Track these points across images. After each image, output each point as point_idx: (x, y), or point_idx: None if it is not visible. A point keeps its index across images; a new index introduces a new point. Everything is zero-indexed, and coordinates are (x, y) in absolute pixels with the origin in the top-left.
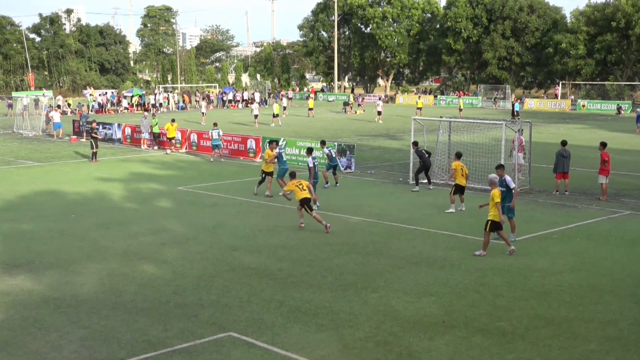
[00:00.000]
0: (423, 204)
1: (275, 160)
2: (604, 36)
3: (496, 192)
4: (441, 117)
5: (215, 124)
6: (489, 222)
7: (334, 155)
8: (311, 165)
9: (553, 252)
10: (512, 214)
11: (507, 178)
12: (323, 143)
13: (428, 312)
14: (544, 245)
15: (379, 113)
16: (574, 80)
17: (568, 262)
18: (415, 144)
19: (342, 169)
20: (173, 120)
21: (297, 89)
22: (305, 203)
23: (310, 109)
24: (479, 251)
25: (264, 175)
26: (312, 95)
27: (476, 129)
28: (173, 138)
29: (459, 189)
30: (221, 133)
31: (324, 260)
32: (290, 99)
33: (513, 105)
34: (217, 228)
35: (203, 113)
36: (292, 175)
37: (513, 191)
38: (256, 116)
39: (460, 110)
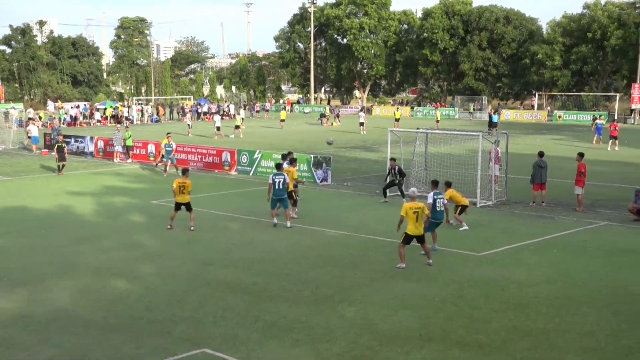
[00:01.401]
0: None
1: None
2: (580, 47)
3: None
4: (418, 128)
5: (168, 135)
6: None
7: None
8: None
9: (530, 263)
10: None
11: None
12: (287, 158)
13: (405, 325)
14: (521, 257)
15: (361, 124)
16: (550, 91)
17: (545, 273)
18: (393, 160)
19: (318, 181)
20: (169, 135)
21: (273, 100)
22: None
23: (282, 120)
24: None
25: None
26: (287, 106)
27: (453, 140)
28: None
29: (464, 209)
30: (174, 145)
31: (300, 274)
32: (267, 111)
33: (490, 117)
34: (191, 242)
35: (189, 125)
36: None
37: (445, 206)
38: (218, 128)
39: (438, 121)
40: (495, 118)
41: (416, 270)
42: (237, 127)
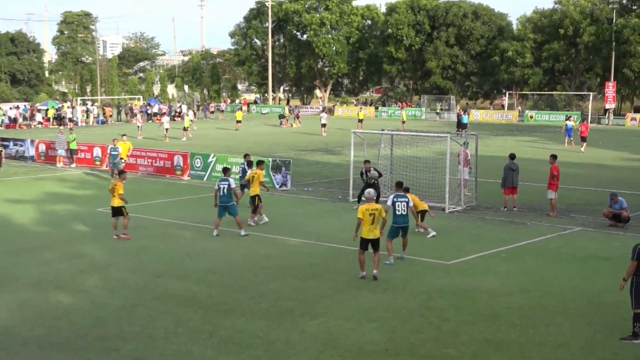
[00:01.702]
0: None
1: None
2: (552, 44)
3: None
4: (383, 129)
5: (115, 140)
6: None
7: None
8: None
9: (501, 271)
10: (406, 234)
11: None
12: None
13: (371, 339)
14: (492, 265)
15: (324, 125)
16: (521, 90)
17: (517, 282)
18: (367, 162)
19: (277, 186)
20: (124, 137)
21: (229, 100)
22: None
23: (238, 122)
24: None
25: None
26: (244, 107)
27: (420, 142)
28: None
29: (424, 214)
30: (120, 149)
31: (258, 286)
32: (222, 111)
33: (458, 117)
34: (141, 252)
35: (139, 127)
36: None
37: (412, 210)
38: (167, 130)
39: (403, 122)
40: (465, 119)
41: (382, 280)
42: (185, 129)
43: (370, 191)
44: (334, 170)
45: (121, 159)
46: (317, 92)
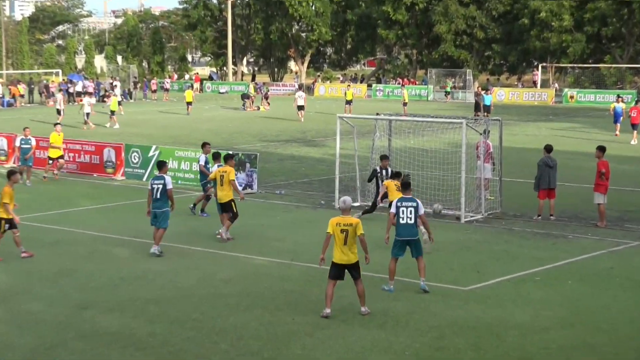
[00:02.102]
0: None
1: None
2: (597, 3)
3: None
4: (378, 114)
5: (26, 129)
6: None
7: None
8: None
9: (535, 300)
10: (419, 252)
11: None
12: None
13: None
14: (523, 291)
15: (300, 108)
16: (557, 62)
17: (556, 314)
18: (386, 158)
19: (239, 188)
20: (57, 125)
21: (176, 76)
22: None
23: (188, 104)
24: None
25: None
26: (196, 84)
27: (427, 130)
28: (61, 157)
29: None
30: (33, 142)
31: (216, 320)
32: (167, 90)
33: (477, 97)
34: (61, 276)
35: (59, 111)
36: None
37: (422, 219)
38: (88, 114)
39: (405, 104)
40: (486, 100)
41: (378, 312)
42: (112, 113)
43: (345, 200)
44: (314, 168)
45: (50, 158)
46: (292, 64)
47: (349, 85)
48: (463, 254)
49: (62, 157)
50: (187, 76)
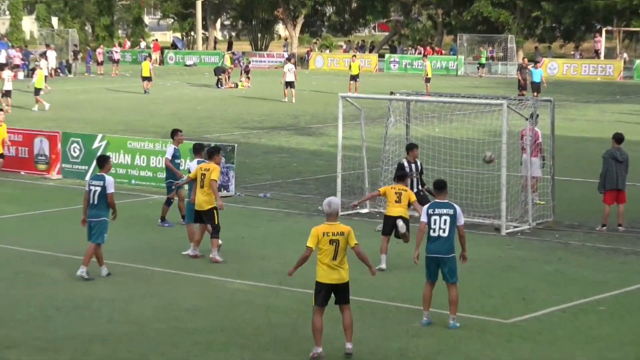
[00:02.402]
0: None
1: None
2: None
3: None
4: (392, 93)
5: None
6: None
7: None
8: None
9: (599, 336)
10: (453, 277)
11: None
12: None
13: None
14: (583, 326)
15: (289, 85)
16: (627, 26)
17: (627, 355)
18: (414, 147)
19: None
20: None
21: (128, 43)
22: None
23: (146, 79)
24: None
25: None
26: (154, 54)
27: (456, 114)
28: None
29: (389, 224)
30: None
31: None
32: (117, 62)
33: (522, 71)
34: None
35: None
36: None
37: (460, 231)
38: (7, 93)
39: (427, 80)
40: (535, 74)
41: (393, 352)
42: (37, 90)
43: (331, 201)
44: (309, 163)
45: None
46: (280, 29)
47: (354, 56)
48: (504, 277)
49: (2, 155)
50: (143, 44)
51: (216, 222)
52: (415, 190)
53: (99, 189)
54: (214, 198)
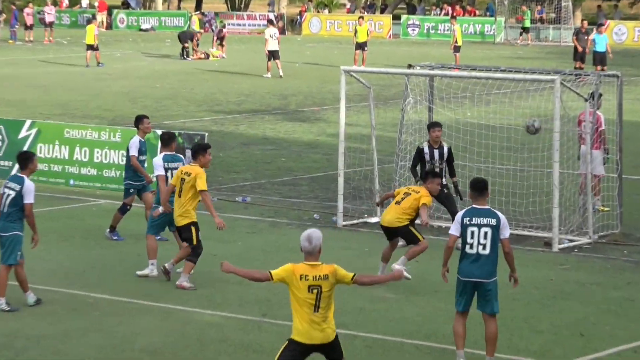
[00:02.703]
0: (369, 271)
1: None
2: None
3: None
4: (411, 65)
5: None
6: None
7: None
8: None
9: None
10: (493, 307)
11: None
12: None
13: None
14: None
15: (272, 56)
16: None
17: None
18: (437, 126)
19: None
20: None
21: (66, 1)
22: None
23: (90, 47)
24: None
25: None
26: (99, 15)
27: (494, 93)
28: None
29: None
30: None
31: None
32: (50, 25)
33: (579, 37)
34: None
35: None
36: None
37: (505, 247)
38: None
39: (457, 49)
40: (598, 42)
41: None
42: None
43: (312, 235)
44: (302, 157)
45: None
46: None
47: (361, 18)
48: (557, 306)
49: None
50: (85, 2)
51: (194, 242)
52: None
53: (13, 193)
54: (195, 210)
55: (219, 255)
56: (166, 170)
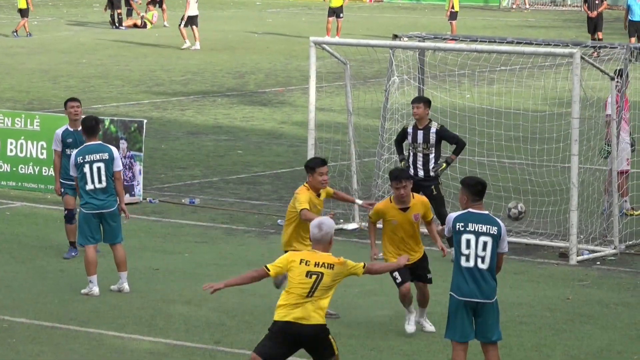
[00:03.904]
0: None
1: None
2: None
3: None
4: (396, 36)
5: None
6: None
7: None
8: None
9: None
10: (494, 334)
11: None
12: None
13: None
14: None
15: (190, 22)
16: None
17: None
18: (416, 101)
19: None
20: None
21: None
22: None
23: (23, 13)
24: None
25: None
26: None
27: (498, 70)
28: None
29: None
30: None
31: None
32: None
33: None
34: None
35: None
36: None
37: (499, 262)
38: None
39: (453, 16)
40: (636, 9)
41: None
42: None
43: (323, 223)
44: (263, 150)
45: None
46: None
47: None
48: (575, 331)
49: None
50: None
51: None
52: (422, 174)
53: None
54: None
55: (161, 269)
56: (84, 164)
